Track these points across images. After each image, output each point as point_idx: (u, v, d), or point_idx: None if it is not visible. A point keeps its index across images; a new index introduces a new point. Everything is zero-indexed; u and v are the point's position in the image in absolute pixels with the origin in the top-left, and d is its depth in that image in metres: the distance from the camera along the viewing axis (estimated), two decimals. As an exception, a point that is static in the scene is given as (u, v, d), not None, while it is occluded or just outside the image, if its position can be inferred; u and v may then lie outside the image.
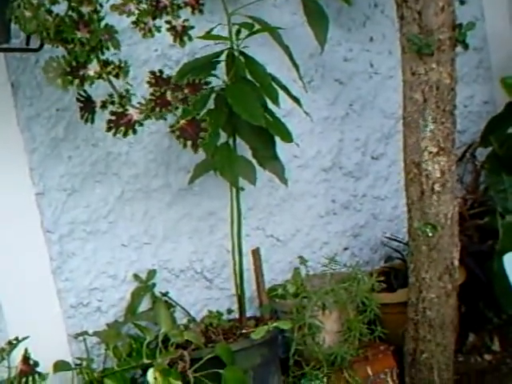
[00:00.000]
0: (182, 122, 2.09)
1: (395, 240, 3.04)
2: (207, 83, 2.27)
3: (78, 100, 2.17)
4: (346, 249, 3.06)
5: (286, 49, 2.61)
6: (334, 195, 3.05)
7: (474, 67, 3.53)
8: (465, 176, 3.33)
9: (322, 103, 3.04)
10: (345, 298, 2.49)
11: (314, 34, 2.80)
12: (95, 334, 2.38)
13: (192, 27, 2.28)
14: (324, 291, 2.49)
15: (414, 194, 2.51)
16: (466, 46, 2.55)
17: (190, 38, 2.27)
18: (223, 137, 2.50)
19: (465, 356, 2.88)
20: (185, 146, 2.10)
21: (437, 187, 2.47)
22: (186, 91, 2.14)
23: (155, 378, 2.08)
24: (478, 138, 3.27)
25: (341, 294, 2.49)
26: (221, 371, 2.21)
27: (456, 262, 2.54)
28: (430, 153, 2.46)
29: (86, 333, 2.38)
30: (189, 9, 2.29)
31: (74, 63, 2.06)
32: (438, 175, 2.46)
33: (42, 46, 2.15)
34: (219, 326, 2.45)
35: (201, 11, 2.30)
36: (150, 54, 2.61)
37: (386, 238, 3.09)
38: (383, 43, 3.19)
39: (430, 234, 2.47)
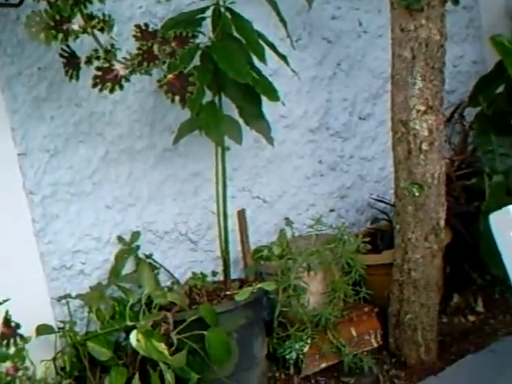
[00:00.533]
0: (170, 76, 2.05)
1: (382, 201, 3.02)
2: (194, 36, 2.23)
3: (61, 56, 2.11)
4: (332, 210, 3.04)
5: (274, 5, 2.55)
6: (321, 156, 3.02)
7: (464, 26, 3.49)
8: (453, 137, 3.30)
9: (310, 62, 2.99)
10: (330, 259, 2.48)
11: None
12: (78, 296, 2.36)
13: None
14: (309, 252, 2.47)
15: (401, 153, 2.48)
16: (455, 2, 2.51)
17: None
18: (209, 95, 2.46)
19: (449, 317, 2.88)
20: (173, 100, 2.06)
21: (424, 146, 2.44)
22: (173, 45, 2.09)
23: (138, 340, 2.06)
24: (466, 98, 3.22)
25: (326, 255, 2.47)
26: (204, 333, 2.20)
27: (442, 223, 2.52)
28: (418, 111, 2.42)
29: (68, 296, 2.36)
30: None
31: (57, 17, 2.01)
32: (426, 134, 2.43)
33: (22, 0, 2.09)
34: (203, 287, 2.43)
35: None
36: (134, 10, 2.54)
37: (373, 199, 3.07)
38: (372, 1, 3.13)
39: (417, 194, 2.44)
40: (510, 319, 2.83)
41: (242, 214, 2.60)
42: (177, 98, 2.04)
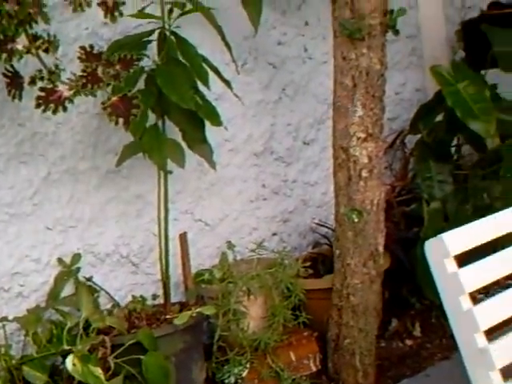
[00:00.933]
0: (114, 98, 2.06)
1: (323, 226, 3.06)
2: (139, 59, 2.24)
3: (4, 75, 2.10)
4: (274, 234, 3.06)
5: (219, 30, 2.58)
6: (265, 180, 3.04)
7: (406, 55, 3.57)
8: (394, 163, 3.36)
9: (256, 87, 3.02)
10: (270, 283, 2.50)
11: (248, 16, 2.77)
12: (15, 319, 2.32)
13: (123, 3, 2.24)
14: (250, 277, 2.48)
15: (342, 179, 2.52)
16: (396, 32, 2.56)
17: (121, 14, 2.24)
18: (152, 118, 2.46)
19: (387, 341, 2.92)
20: (116, 123, 2.07)
21: (364, 173, 2.48)
22: (117, 67, 2.10)
23: (74, 365, 2.04)
24: (408, 126, 3.30)
25: (266, 279, 2.49)
26: (142, 357, 2.19)
27: (381, 249, 2.56)
28: (359, 138, 2.47)
29: (5, 318, 2.32)
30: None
31: (1, 36, 2.00)
32: (366, 161, 2.48)
33: (-36, 19, 2.07)
34: (143, 311, 2.42)
35: (131, -12, 2.26)
36: (80, 32, 2.54)
37: (315, 223, 3.10)
38: (318, 28, 3.18)
39: (356, 220, 2.48)
40: (446, 343, 2.87)
41: (183, 237, 2.60)
42: (120, 120, 2.04)
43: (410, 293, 3.03)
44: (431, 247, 2.11)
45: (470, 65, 3.30)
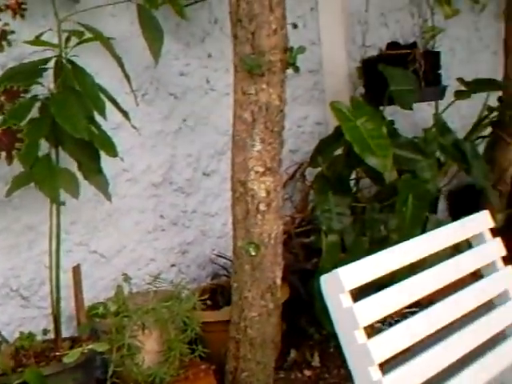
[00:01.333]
0: (-3, 131, 1.99)
1: (223, 257, 3.04)
2: (26, 91, 2.17)
3: None
4: (173, 265, 3.02)
5: (118, 59, 2.54)
6: (163, 211, 3.00)
7: (308, 89, 3.62)
8: (295, 194, 3.39)
9: (156, 117, 2.99)
10: (166, 316, 2.45)
11: (149, 47, 2.74)
12: None
13: (12, 32, 2.17)
14: (145, 310, 2.43)
15: (240, 212, 2.52)
16: (296, 69, 2.59)
17: (10, 44, 2.17)
18: (47, 148, 2.40)
19: (286, 372, 2.92)
20: (-1, 156, 1.99)
21: (262, 207, 2.49)
22: (1, 99, 2.03)
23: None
24: (309, 158, 3.34)
25: (162, 312, 2.44)
26: (29, 397, 2.10)
27: (278, 281, 2.57)
28: (257, 172, 2.48)
29: None
30: (10, 12, 2.19)
31: None
32: (264, 195, 2.48)
33: None
34: (31, 348, 2.32)
35: (22, 16, 2.20)
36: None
37: (215, 255, 3.09)
38: (221, 60, 3.19)
39: (253, 253, 2.48)
40: (344, 373, 2.90)
41: (76, 270, 2.53)
42: (3, 153, 1.97)
43: (309, 323, 3.05)
44: (326, 282, 2.13)
45: (370, 101, 3.40)
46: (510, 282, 2.52)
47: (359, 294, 2.20)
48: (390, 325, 2.81)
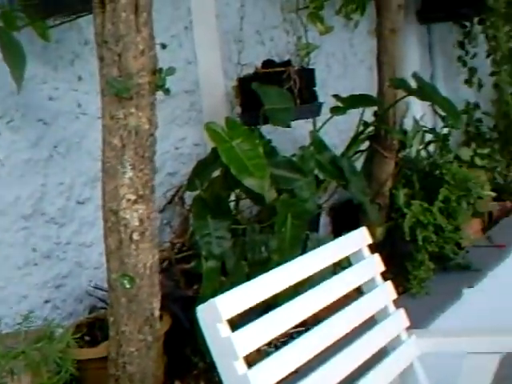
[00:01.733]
0: None
1: (100, 289, 2.92)
2: None
3: None
4: (47, 301, 2.87)
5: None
6: (35, 244, 2.85)
7: (186, 110, 3.56)
8: (174, 219, 3.31)
9: (23, 144, 2.84)
10: (38, 359, 2.31)
11: (10, 71, 2.60)
12: None
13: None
14: (13, 354, 2.28)
15: (113, 243, 2.42)
16: (166, 91, 2.52)
17: None
18: None
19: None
20: None
21: (135, 236, 2.39)
22: None
23: None
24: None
25: (33, 355, 2.30)
26: None
27: (157, 313, 2.48)
28: (129, 200, 2.38)
29: None
30: None
31: None
32: (137, 224, 2.39)
33: None
34: None
35: None
36: None
37: (92, 287, 2.96)
38: (92, 83, 3.05)
39: (128, 286, 2.38)
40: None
41: None
42: None
43: (193, 352, 2.96)
44: (203, 312, 2.07)
45: (246, 120, 3.37)
46: (389, 298, 2.56)
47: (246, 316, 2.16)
48: (277, 347, 2.79)
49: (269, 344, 2.80)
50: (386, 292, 2.56)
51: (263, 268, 2.32)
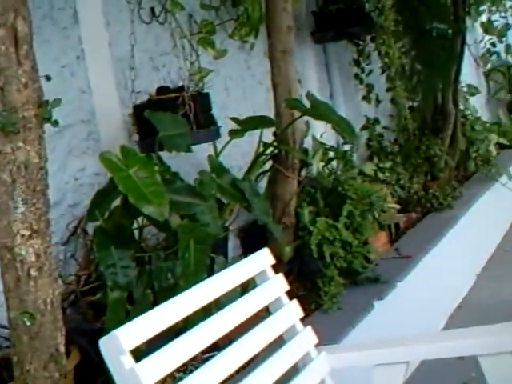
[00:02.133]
0: None
1: (4, 328, 2.82)
2: None
3: None
4: None
5: None
6: None
7: (83, 140, 3.51)
8: (78, 251, 3.25)
9: None
10: None
11: None
12: None
13: None
14: None
15: (10, 280, 2.35)
16: (54, 123, 2.49)
17: None
18: None
19: None
20: None
21: (33, 272, 2.34)
22: None
23: None
24: (88, 212, 3.22)
25: None
26: None
27: (62, 348, 2.42)
28: (23, 236, 2.33)
29: None
30: None
31: None
32: (33, 259, 2.34)
33: None
34: None
35: None
36: None
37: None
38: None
39: (29, 324, 2.32)
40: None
41: None
42: None
43: (107, 386, 2.90)
44: (105, 345, 2.05)
45: (144, 148, 3.35)
46: (296, 316, 2.57)
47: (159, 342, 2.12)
48: (191, 372, 2.76)
49: (185, 370, 2.77)
50: (293, 311, 2.58)
51: (170, 294, 2.30)
